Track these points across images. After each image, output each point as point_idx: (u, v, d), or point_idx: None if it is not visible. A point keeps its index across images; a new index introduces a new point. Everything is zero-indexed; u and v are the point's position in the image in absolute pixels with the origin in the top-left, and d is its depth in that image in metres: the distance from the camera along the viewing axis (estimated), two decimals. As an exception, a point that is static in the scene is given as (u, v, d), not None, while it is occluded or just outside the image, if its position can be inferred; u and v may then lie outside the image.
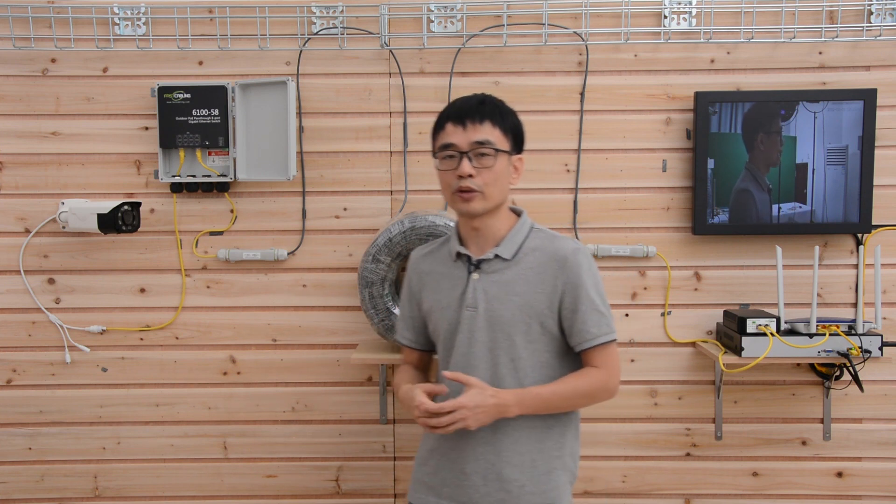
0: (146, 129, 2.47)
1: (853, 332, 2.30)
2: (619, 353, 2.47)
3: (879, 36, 2.40)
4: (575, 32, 2.43)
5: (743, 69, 2.44)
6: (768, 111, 2.38)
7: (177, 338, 2.53)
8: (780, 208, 2.41)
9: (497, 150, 1.73)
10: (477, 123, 1.74)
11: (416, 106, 2.45)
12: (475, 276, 1.78)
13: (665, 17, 2.42)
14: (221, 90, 2.40)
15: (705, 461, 2.55)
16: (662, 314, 2.51)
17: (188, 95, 2.40)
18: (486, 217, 1.77)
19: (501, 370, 1.76)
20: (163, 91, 2.40)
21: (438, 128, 1.77)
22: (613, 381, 1.78)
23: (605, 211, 2.48)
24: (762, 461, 2.55)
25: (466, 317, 1.77)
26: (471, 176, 1.72)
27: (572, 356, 1.80)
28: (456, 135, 1.74)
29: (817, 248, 2.35)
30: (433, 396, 1.73)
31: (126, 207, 2.38)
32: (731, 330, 2.36)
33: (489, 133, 1.74)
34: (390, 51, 2.44)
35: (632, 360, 2.52)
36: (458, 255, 1.82)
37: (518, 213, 1.84)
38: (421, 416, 1.68)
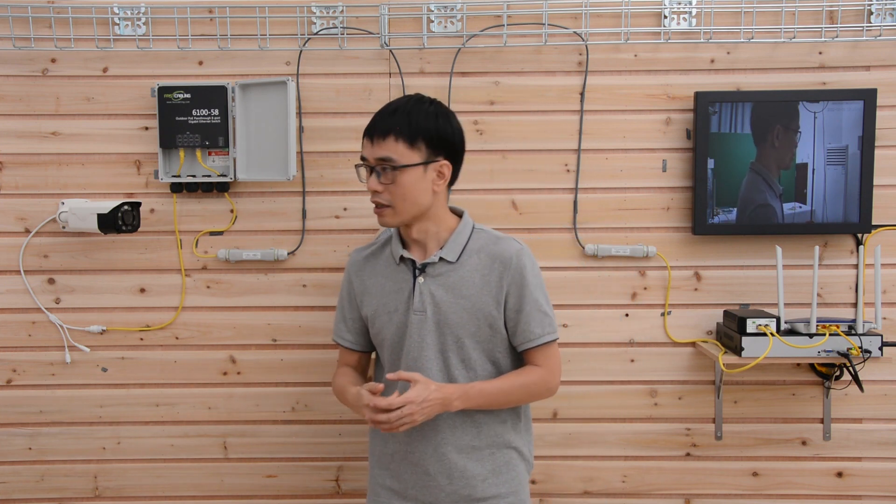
0: (146, 129, 2.47)
1: (853, 332, 2.30)
2: (617, 353, 2.51)
3: (879, 36, 2.40)
4: (575, 32, 2.43)
5: (743, 69, 2.44)
6: (781, 110, 2.38)
7: (177, 338, 2.53)
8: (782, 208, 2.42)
9: (397, 167, 1.71)
10: (380, 138, 1.73)
11: (416, 106, 2.45)
12: (421, 279, 1.79)
13: (665, 17, 2.42)
14: (221, 90, 2.40)
15: (705, 461, 2.55)
16: (662, 314, 2.51)
17: (188, 95, 2.40)
18: (419, 223, 1.78)
19: (454, 371, 1.79)
20: (163, 91, 2.40)
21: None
22: (554, 379, 1.83)
23: (605, 211, 2.48)
24: (762, 461, 2.55)
25: (415, 321, 1.78)
26: (378, 192, 1.74)
27: (519, 354, 1.85)
28: (366, 149, 1.77)
29: (817, 248, 2.35)
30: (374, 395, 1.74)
31: (126, 207, 2.38)
32: (731, 330, 2.36)
33: (391, 148, 1.72)
34: (390, 51, 2.44)
35: (632, 360, 2.52)
36: (402, 258, 1.82)
37: (459, 214, 1.85)
38: (372, 414, 1.68)
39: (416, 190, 1.74)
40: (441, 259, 1.78)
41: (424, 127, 1.74)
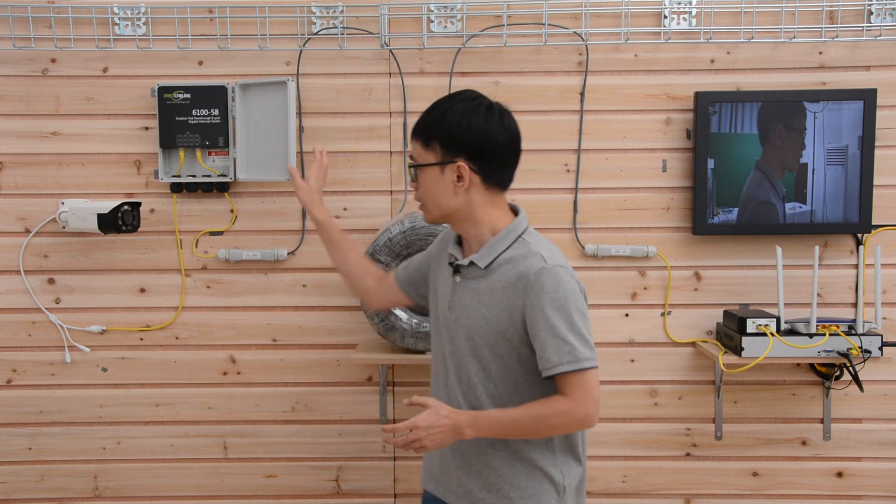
0: (146, 129, 2.47)
1: (853, 332, 2.30)
2: (617, 353, 2.50)
3: (879, 36, 2.40)
4: (575, 32, 2.43)
5: (743, 69, 2.44)
6: (788, 110, 2.37)
7: (177, 338, 2.53)
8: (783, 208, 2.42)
9: (416, 166, 1.70)
10: (412, 138, 1.73)
11: (416, 106, 2.45)
12: (457, 279, 1.74)
13: (665, 17, 2.42)
14: (221, 90, 2.40)
15: (705, 461, 2.55)
16: (662, 314, 2.51)
17: (188, 95, 2.40)
18: (456, 224, 1.74)
19: (473, 378, 1.72)
20: (163, 91, 2.40)
21: None
22: (582, 411, 1.63)
23: (605, 211, 2.48)
24: (762, 461, 2.55)
25: (449, 319, 1.75)
26: (413, 189, 1.75)
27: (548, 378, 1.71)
28: (410, 146, 1.75)
29: (817, 248, 2.35)
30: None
31: (126, 207, 2.38)
32: (731, 330, 2.36)
33: (413, 147, 1.71)
34: (390, 51, 2.44)
35: (632, 360, 2.52)
36: (448, 254, 1.79)
37: (516, 214, 1.76)
38: (383, 433, 1.68)
39: (436, 191, 1.69)
40: (472, 263, 1.71)
41: (436, 126, 1.68)
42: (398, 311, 2.32)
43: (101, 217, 2.35)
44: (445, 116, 1.67)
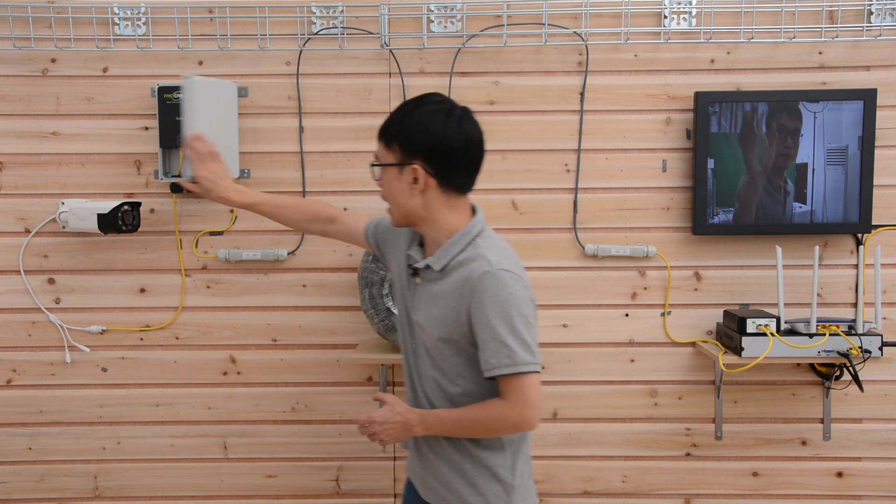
0: (146, 129, 2.47)
1: (853, 332, 2.30)
2: (617, 353, 2.50)
3: (879, 36, 2.40)
4: (575, 32, 2.43)
5: (743, 69, 2.44)
6: (783, 110, 2.38)
7: (177, 338, 2.53)
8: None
9: (376, 165, 1.76)
10: (376, 139, 1.77)
11: (416, 106, 2.45)
12: (417, 280, 1.78)
13: (665, 17, 2.42)
14: (221, 90, 2.40)
15: (705, 461, 2.55)
16: (662, 314, 2.51)
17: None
18: (417, 226, 1.77)
19: (431, 376, 1.77)
20: (163, 91, 2.39)
21: None
22: (517, 415, 1.66)
23: (605, 211, 2.48)
24: (762, 461, 2.55)
25: (409, 318, 1.81)
26: (379, 189, 1.79)
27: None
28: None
29: (817, 248, 2.35)
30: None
31: (126, 207, 2.38)
32: (731, 330, 2.36)
33: (377, 148, 1.76)
34: (390, 51, 2.44)
35: (632, 360, 2.52)
36: (407, 254, 1.83)
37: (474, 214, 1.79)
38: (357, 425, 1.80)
39: (395, 191, 1.73)
40: (427, 266, 1.75)
41: (394, 128, 1.71)
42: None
43: (101, 217, 2.35)
44: (405, 119, 1.70)
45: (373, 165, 1.77)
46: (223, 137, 2.34)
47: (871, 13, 2.40)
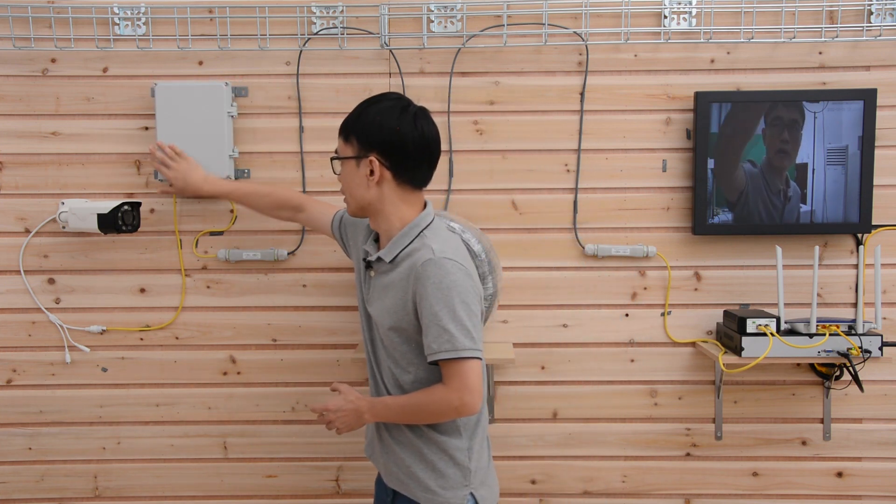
0: (146, 129, 2.47)
1: (853, 332, 2.30)
2: (617, 353, 2.50)
3: (879, 36, 2.40)
4: (575, 32, 2.43)
5: (743, 69, 2.44)
6: (784, 110, 2.38)
7: (177, 338, 2.53)
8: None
9: (335, 158, 1.85)
10: (338, 134, 1.87)
11: (416, 106, 2.45)
12: (371, 273, 1.88)
13: (665, 17, 2.42)
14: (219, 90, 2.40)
15: (705, 461, 2.56)
16: (662, 314, 2.51)
17: (188, 95, 2.39)
18: (373, 220, 1.86)
19: (384, 364, 1.86)
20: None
21: None
22: (457, 399, 1.71)
23: (605, 211, 2.48)
24: (762, 461, 2.55)
25: (365, 310, 1.89)
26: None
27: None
28: None
29: (817, 248, 2.35)
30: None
31: (126, 207, 2.39)
32: (731, 330, 2.36)
33: (338, 143, 1.86)
34: (390, 51, 2.44)
35: (632, 360, 2.52)
36: (362, 248, 1.93)
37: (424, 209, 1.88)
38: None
39: (352, 184, 1.82)
40: (379, 258, 1.83)
41: (354, 123, 1.82)
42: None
43: (101, 217, 2.35)
44: (363, 115, 1.82)
45: (332, 159, 1.86)
46: (208, 139, 2.37)
47: (871, 13, 2.40)
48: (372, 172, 1.79)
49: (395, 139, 1.78)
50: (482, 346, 1.75)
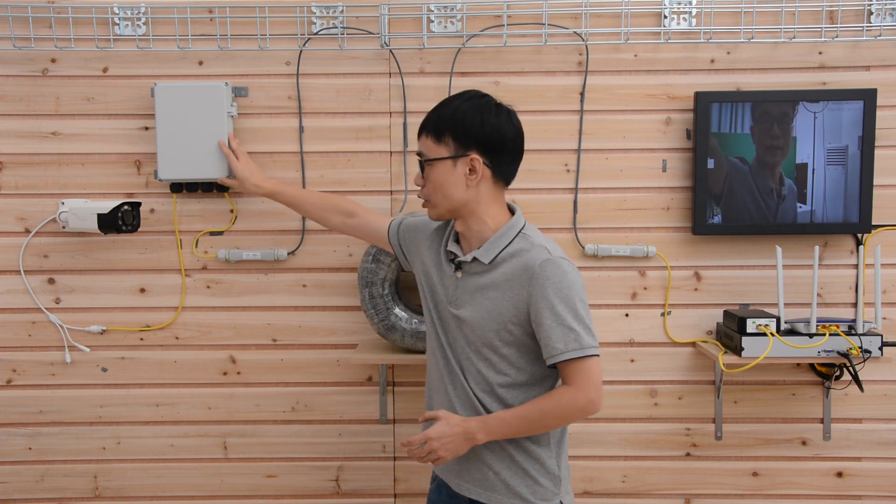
0: (146, 129, 2.47)
1: (853, 332, 2.30)
2: (617, 353, 2.51)
3: (879, 36, 2.40)
4: (575, 32, 2.43)
5: (743, 69, 2.44)
6: (778, 110, 2.38)
7: (177, 338, 2.53)
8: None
9: (426, 161, 1.76)
10: (419, 133, 1.79)
11: (416, 106, 2.45)
12: (459, 274, 1.80)
13: (665, 17, 2.42)
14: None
15: (705, 461, 2.56)
16: (662, 314, 2.51)
17: (188, 95, 2.39)
18: (461, 220, 1.79)
19: (484, 371, 1.77)
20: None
21: None
22: (585, 397, 1.69)
23: (605, 211, 2.48)
24: (762, 461, 2.55)
25: (449, 313, 1.80)
26: (421, 187, 1.79)
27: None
28: (418, 145, 1.81)
29: (817, 248, 2.35)
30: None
31: (126, 207, 2.39)
32: (731, 330, 2.36)
33: (423, 143, 1.78)
34: (390, 51, 2.44)
35: (632, 360, 2.52)
36: (446, 250, 1.85)
37: (513, 212, 1.83)
38: (404, 447, 1.78)
39: (447, 185, 1.74)
40: (475, 259, 1.77)
41: (449, 121, 1.74)
42: (398, 311, 2.33)
43: (101, 217, 2.35)
44: (458, 112, 1.74)
45: (425, 161, 1.76)
46: (208, 139, 2.36)
47: (871, 13, 2.40)
48: (472, 171, 1.73)
49: (496, 136, 1.73)
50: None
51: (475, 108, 1.74)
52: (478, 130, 1.73)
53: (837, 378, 2.45)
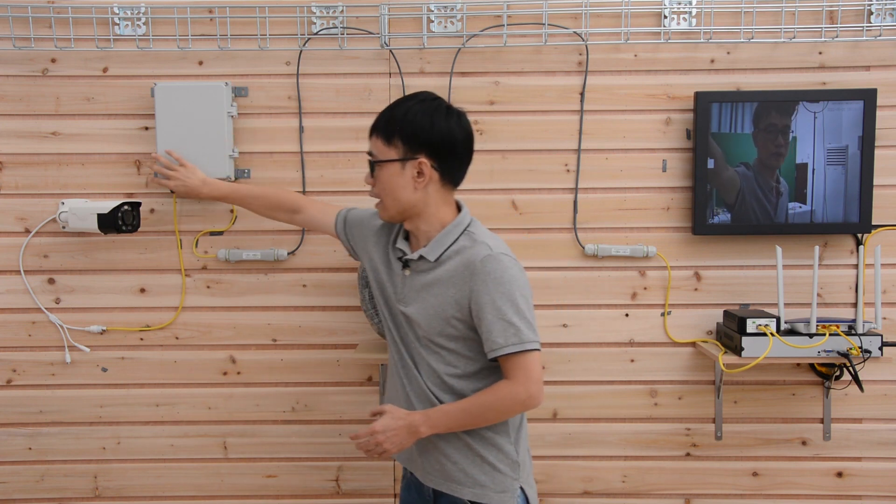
0: (146, 129, 2.47)
1: (853, 332, 2.30)
2: (617, 353, 2.51)
3: (879, 36, 2.40)
4: (575, 32, 2.43)
5: (743, 69, 2.44)
6: (778, 110, 2.38)
7: (177, 338, 2.53)
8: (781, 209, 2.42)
9: (375, 162, 1.77)
10: (370, 134, 1.80)
11: (416, 106, 2.45)
12: (406, 272, 1.83)
13: (665, 17, 2.42)
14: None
15: (705, 461, 2.55)
16: (662, 314, 2.51)
17: (188, 95, 2.39)
18: (410, 220, 1.81)
19: (433, 365, 1.81)
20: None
21: None
22: (525, 391, 1.72)
23: (605, 211, 2.48)
24: (762, 461, 2.55)
25: (398, 310, 1.84)
26: (371, 186, 1.81)
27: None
28: (369, 144, 1.82)
29: (817, 248, 2.35)
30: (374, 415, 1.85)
31: (126, 207, 2.39)
32: (731, 330, 2.36)
33: (373, 144, 1.79)
34: (390, 51, 2.44)
35: (632, 360, 2.52)
36: (394, 247, 1.87)
37: (460, 210, 1.84)
38: (352, 439, 1.82)
39: (396, 186, 1.76)
40: (421, 257, 1.79)
41: (399, 123, 1.74)
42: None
43: (101, 217, 2.35)
44: (408, 115, 1.74)
45: (375, 162, 1.78)
46: (207, 139, 2.37)
47: (871, 13, 2.40)
48: (420, 174, 1.74)
49: (446, 139, 1.74)
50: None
51: (426, 111, 1.74)
52: (427, 134, 1.73)
53: (837, 378, 2.45)
